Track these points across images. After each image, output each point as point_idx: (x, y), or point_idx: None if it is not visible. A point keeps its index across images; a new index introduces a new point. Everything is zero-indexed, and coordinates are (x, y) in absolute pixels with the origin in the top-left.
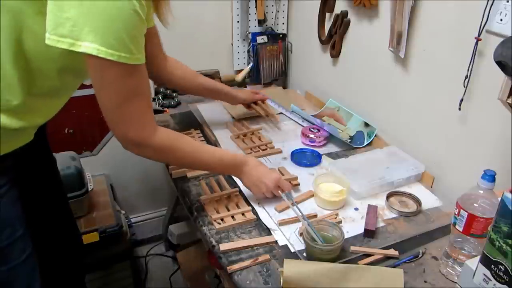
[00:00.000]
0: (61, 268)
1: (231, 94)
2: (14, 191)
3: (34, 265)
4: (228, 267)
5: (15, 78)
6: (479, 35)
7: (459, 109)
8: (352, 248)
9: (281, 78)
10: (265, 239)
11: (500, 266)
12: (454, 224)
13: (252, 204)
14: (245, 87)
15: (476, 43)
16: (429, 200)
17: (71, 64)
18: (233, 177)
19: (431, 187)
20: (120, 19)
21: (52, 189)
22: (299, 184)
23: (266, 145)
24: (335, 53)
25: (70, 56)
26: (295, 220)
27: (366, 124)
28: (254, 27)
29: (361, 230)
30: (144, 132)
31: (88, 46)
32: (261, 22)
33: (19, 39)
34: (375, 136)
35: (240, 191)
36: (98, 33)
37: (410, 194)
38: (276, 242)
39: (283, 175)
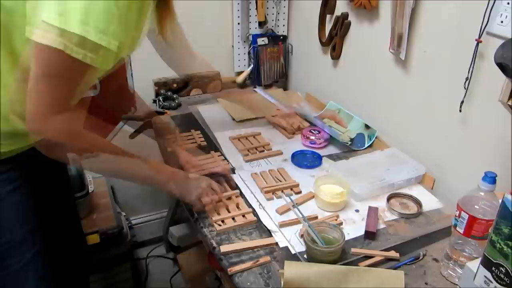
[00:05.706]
0: (67, 267)
1: None
2: (26, 185)
3: (44, 262)
4: (228, 269)
5: None
6: (479, 37)
7: (460, 111)
8: (353, 250)
9: (282, 80)
10: (266, 240)
11: (501, 268)
12: (455, 226)
13: (253, 206)
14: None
15: (477, 45)
16: (429, 202)
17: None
18: (236, 177)
19: (432, 189)
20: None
21: (62, 188)
22: (300, 192)
23: (263, 147)
24: (336, 55)
25: None
26: (295, 222)
27: (367, 126)
28: (255, 29)
29: (362, 232)
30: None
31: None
32: (261, 24)
33: None
34: (376, 137)
35: (241, 193)
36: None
37: (411, 196)
38: (276, 243)
39: (284, 179)
